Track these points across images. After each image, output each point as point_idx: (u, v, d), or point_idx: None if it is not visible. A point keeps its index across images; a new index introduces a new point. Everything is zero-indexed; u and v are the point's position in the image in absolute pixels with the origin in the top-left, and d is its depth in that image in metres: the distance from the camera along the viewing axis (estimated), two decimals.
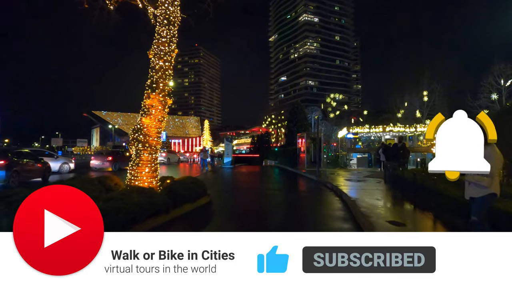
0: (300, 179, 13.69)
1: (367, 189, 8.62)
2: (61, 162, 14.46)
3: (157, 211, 5.23)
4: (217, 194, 8.52)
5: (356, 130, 15.96)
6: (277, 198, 8.14)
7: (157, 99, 7.15)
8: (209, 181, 11.77)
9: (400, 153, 11.94)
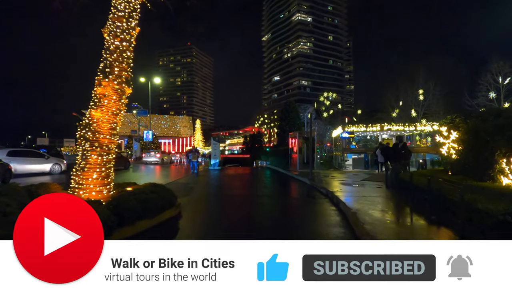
0: (292, 182, 12.40)
1: (368, 196, 7.36)
2: (52, 163, 14.03)
3: None
4: (192, 204, 7.14)
5: (352, 128, 14.77)
6: (263, 209, 6.79)
7: (111, 87, 5.73)
8: (188, 186, 10.36)
9: (402, 154, 10.76)
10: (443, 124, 7.86)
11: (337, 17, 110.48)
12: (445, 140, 7.76)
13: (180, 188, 9.71)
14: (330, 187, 9.05)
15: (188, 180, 12.21)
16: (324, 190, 8.73)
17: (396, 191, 7.77)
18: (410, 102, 30.08)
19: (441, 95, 28.32)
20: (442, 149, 7.89)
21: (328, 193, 8.21)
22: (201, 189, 9.82)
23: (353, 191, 8.44)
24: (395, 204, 6.55)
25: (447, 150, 7.72)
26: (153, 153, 26.89)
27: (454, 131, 7.41)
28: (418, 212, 5.51)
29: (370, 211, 5.55)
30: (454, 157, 7.49)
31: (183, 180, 12.22)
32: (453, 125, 7.59)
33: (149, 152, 28.00)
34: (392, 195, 7.55)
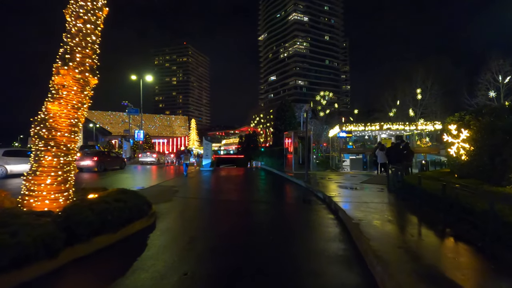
0: (286, 185, 11.61)
1: (370, 202, 6.59)
2: None
3: (27, 255, 2.99)
4: (172, 211, 6.30)
5: (350, 128, 14.02)
6: (253, 219, 5.96)
7: (71, 76, 4.87)
8: (173, 189, 9.50)
9: (404, 155, 10.05)
10: (452, 122, 7.13)
11: (334, 17, 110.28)
12: (454, 140, 7.03)
13: (164, 192, 8.86)
14: (327, 191, 8.27)
15: (175, 183, 11.34)
16: (321, 194, 7.96)
17: (401, 196, 7.01)
18: (408, 101, 29.56)
19: (439, 94, 27.82)
20: (451, 150, 7.16)
21: (325, 197, 7.44)
22: (186, 193, 8.97)
23: (353, 195, 7.67)
24: (402, 212, 5.77)
25: (456, 150, 6.99)
26: (149, 153, 26.57)
27: (464, 129, 6.68)
28: (431, 224, 4.74)
29: (374, 222, 4.77)
30: (464, 158, 6.76)
31: (170, 183, 11.35)
32: (463, 123, 6.87)
33: (145, 152, 27.64)
34: (396, 201, 6.79)
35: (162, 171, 17.95)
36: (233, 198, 8.26)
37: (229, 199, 8.00)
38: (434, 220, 4.85)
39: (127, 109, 30.30)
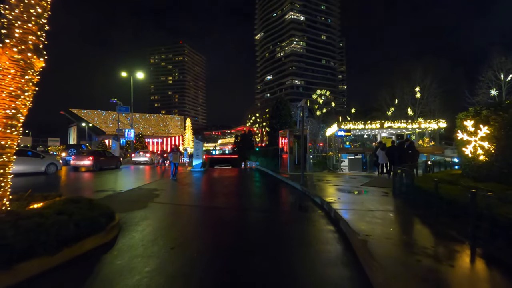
0: (281, 188, 10.70)
1: (375, 209, 5.69)
2: (48, 163, 13.76)
3: None
4: (144, 222, 5.33)
5: (349, 126, 13.14)
6: (237, 234, 5.00)
7: (8, 57, 3.89)
8: (153, 194, 8.52)
9: (408, 154, 9.18)
10: (468, 117, 6.26)
11: (330, 16, 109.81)
12: (470, 138, 6.16)
13: (142, 197, 7.89)
14: (326, 195, 7.37)
15: (159, 185, 10.35)
16: (319, 199, 7.05)
17: (411, 202, 6.11)
18: (407, 100, 28.88)
19: (438, 93, 27.15)
20: (466, 149, 6.29)
21: (324, 203, 6.53)
22: (167, 198, 7.99)
23: (354, 201, 6.76)
24: (416, 225, 4.85)
25: (473, 149, 6.12)
26: (143, 153, 26.15)
27: (483, 125, 5.81)
28: (456, 241, 3.82)
29: (385, 238, 3.85)
30: (483, 158, 5.90)
31: (153, 185, 10.36)
32: (480, 119, 6.01)
33: (138, 152, 27.10)
34: (406, 209, 5.88)
35: (152, 171, 17.01)
36: (220, 204, 7.29)
37: (214, 206, 7.03)
38: (459, 235, 3.96)
39: (117, 107, 29.13)
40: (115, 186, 10.45)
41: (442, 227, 4.38)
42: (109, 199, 7.57)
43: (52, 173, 13.86)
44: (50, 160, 14.24)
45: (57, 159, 15.44)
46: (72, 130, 72.36)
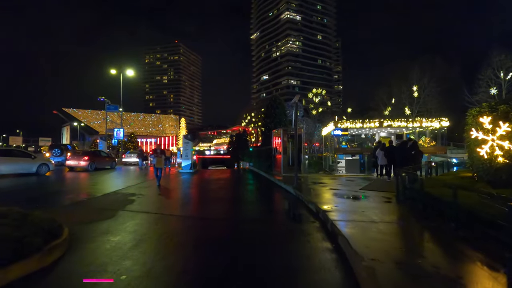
0: (273, 192, 9.84)
1: (379, 220, 4.85)
2: (40, 163, 13.45)
3: None
4: (99, 236, 4.41)
5: (346, 125, 12.34)
6: (213, 255, 4.07)
7: None
8: (129, 199, 7.59)
9: (411, 155, 8.39)
10: (484, 113, 5.47)
11: (326, 16, 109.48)
12: (487, 136, 5.37)
13: (114, 203, 6.97)
14: (321, 201, 6.52)
15: (138, 189, 9.40)
16: (314, 207, 6.19)
17: (419, 211, 5.28)
18: (404, 99, 28.29)
19: (436, 92, 26.60)
20: (481, 149, 5.49)
21: (319, 211, 5.67)
22: (143, 205, 7.06)
23: (354, 209, 5.91)
24: (432, 242, 3.96)
25: (490, 150, 5.33)
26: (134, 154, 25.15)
27: (503, 122, 5.02)
28: (489, 267, 2.98)
29: (395, 263, 3.00)
30: (502, 160, 5.11)
31: (132, 189, 9.41)
32: (498, 114, 5.22)
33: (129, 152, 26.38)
34: (415, 219, 5.02)
35: (140, 173, 16.11)
36: (199, 213, 6.39)
37: (194, 215, 6.12)
38: (489, 259, 3.12)
39: (106, 106, 28.02)
40: (94, 189, 9.63)
41: (465, 246, 3.54)
42: (74, 207, 6.65)
43: (44, 174, 13.47)
44: (41, 161, 13.88)
45: (49, 160, 15.07)
46: (65, 130, 70.90)
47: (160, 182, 10.31)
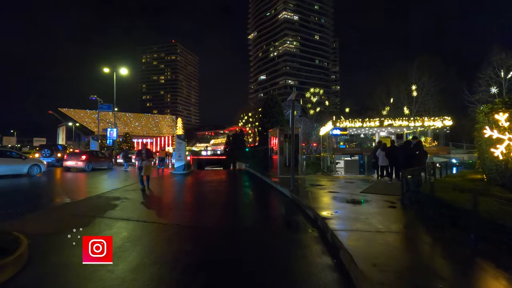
0: (268, 196, 9.28)
1: (385, 230, 4.31)
2: (31, 164, 13.16)
3: None
4: (63, 250, 3.84)
5: (345, 124, 11.82)
6: (193, 273, 3.56)
7: None
8: (112, 204, 7.00)
9: (416, 156, 7.88)
10: (499, 110, 4.96)
11: (324, 16, 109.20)
12: (503, 135, 4.86)
13: (95, 208, 6.38)
14: (320, 206, 5.98)
15: (124, 192, 8.78)
16: (311, 213, 5.65)
17: (428, 218, 4.74)
18: (403, 99, 27.88)
19: (436, 91, 26.20)
20: (495, 150, 4.98)
21: (318, 218, 5.13)
22: (125, 210, 6.46)
23: (356, 215, 5.37)
24: (449, 258, 3.44)
25: (506, 150, 4.82)
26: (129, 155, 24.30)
27: None
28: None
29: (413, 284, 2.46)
30: None
31: (118, 192, 8.80)
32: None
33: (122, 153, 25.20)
34: (426, 229, 4.46)
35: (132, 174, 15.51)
36: (187, 221, 5.80)
37: (179, 223, 5.52)
38: None
39: (99, 105, 27.31)
40: (78, 192, 9.12)
41: (489, 263, 3.01)
42: (49, 213, 6.06)
43: (35, 175, 13.14)
44: (33, 161, 13.55)
45: (40, 160, 14.70)
46: (61, 130, 69.94)
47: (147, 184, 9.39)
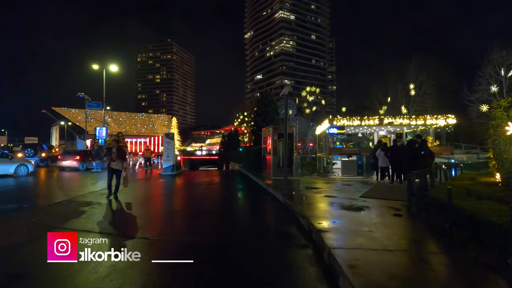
0: (258, 200, 8.49)
1: (395, 249, 3.54)
2: (18, 164, 12.91)
3: None
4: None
5: (343, 122, 11.10)
6: None
7: None
8: (79, 211, 6.15)
9: (420, 156, 7.16)
10: None
11: (320, 16, 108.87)
12: None
13: (56, 217, 5.54)
14: (315, 215, 5.21)
15: (97, 197, 7.91)
16: (306, 223, 4.87)
17: (442, 229, 3.99)
18: (400, 98, 27.31)
19: (434, 90, 25.68)
20: None
21: (313, 231, 4.35)
22: (91, 220, 5.60)
23: (358, 227, 4.58)
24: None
25: None
26: None
27: None
28: None
29: None
30: None
31: (93, 196, 7.94)
32: None
33: None
34: (442, 243, 3.71)
35: None
36: (160, 233, 4.96)
37: (150, 235, 4.67)
38: None
39: (87, 103, 26.27)
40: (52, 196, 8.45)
41: None
42: (4, 221, 5.20)
43: (23, 175, 12.85)
44: (20, 162, 13.29)
45: (28, 160, 14.35)
46: (54, 130, 68.55)
47: (115, 192, 7.45)
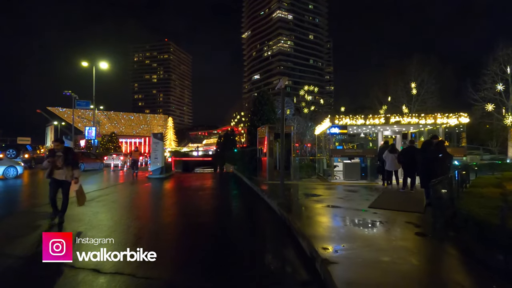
0: (250, 212, 7.46)
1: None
2: (6, 166, 12.59)
3: None
4: None
5: (346, 121, 10.10)
6: None
7: None
8: (34, 225, 5.08)
9: (438, 159, 6.16)
10: None
11: (318, 16, 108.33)
12: None
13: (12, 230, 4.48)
14: (318, 235, 4.18)
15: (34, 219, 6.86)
16: (307, 245, 3.83)
17: (490, 260, 2.99)
18: (401, 97, 26.43)
19: (436, 88, 24.84)
20: None
21: (316, 259, 3.31)
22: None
23: (374, 255, 3.54)
24: None
25: None
26: (116, 156, 24.08)
27: None
28: None
29: None
30: None
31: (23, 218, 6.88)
32: None
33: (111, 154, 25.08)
34: (496, 282, 2.74)
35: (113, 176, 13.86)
36: (116, 261, 3.93)
37: (98, 268, 3.64)
38: None
39: (76, 102, 25.09)
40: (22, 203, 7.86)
41: None
42: None
43: (11, 177, 12.46)
44: (8, 163, 12.88)
45: (18, 162, 13.94)
46: (49, 130, 67.19)
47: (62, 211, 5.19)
